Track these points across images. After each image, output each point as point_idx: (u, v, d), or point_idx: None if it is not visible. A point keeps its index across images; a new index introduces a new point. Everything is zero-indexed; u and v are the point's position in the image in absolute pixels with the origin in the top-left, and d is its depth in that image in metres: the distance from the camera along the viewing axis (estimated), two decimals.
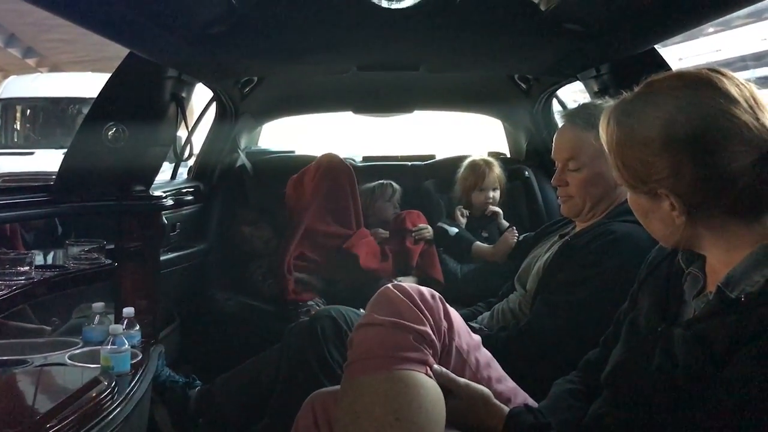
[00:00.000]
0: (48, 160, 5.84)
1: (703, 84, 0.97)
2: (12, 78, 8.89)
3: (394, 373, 1.14)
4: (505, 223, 2.87)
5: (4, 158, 6.84)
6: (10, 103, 8.00)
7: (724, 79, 0.96)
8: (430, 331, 1.21)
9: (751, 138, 0.92)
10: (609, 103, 1.74)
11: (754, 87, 0.97)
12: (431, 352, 1.20)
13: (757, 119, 0.93)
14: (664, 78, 1.03)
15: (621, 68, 2.12)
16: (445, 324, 1.25)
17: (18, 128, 8.21)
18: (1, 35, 12.42)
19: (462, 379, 1.23)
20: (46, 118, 8.13)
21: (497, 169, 2.93)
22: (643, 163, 0.99)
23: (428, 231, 2.87)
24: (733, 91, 0.95)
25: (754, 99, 0.95)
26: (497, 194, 2.92)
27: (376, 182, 3.13)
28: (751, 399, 0.84)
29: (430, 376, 1.17)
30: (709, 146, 0.93)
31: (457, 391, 1.22)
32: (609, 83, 2.20)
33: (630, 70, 2.08)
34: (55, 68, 14.19)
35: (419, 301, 1.23)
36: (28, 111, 8.21)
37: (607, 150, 1.08)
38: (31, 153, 6.97)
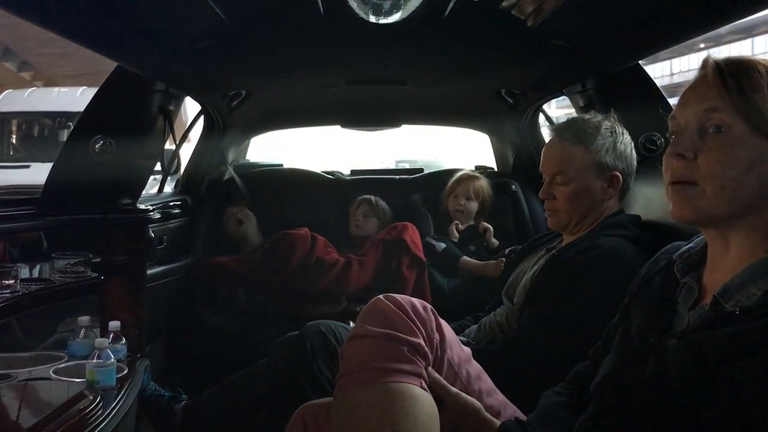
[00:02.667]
0: (44, 173, 5.89)
1: None
2: (8, 92, 8.97)
3: (389, 385, 1.13)
4: (495, 241, 2.88)
5: (1, 171, 6.93)
6: (6, 117, 8.18)
7: None
8: (424, 343, 1.20)
9: None
10: (598, 117, 1.77)
11: None
12: (424, 364, 1.20)
13: None
14: None
15: (606, 83, 2.15)
16: (437, 336, 1.25)
17: (14, 142, 8.30)
18: None
19: (453, 389, 1.23)
20: (41, 132, 8.24)
21: (479, 182, 2.96)
22: None
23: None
24: None
25: None
26: (472, 205, 2.93)
27: (360, 197, 3.13)
28: (743, 413, 0.84)
29: (425, 389, 1.17)
30: None
31: (448, 399, 1.21)
32: (594, 98, 2.22)
33: (615, 85, 2.11)
34: (50, 82, 14.18)
35: (412, 313, 1.22)
36: (24, 125, 8.31)
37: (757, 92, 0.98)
38: (27, 166, 7.03)
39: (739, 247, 0.99)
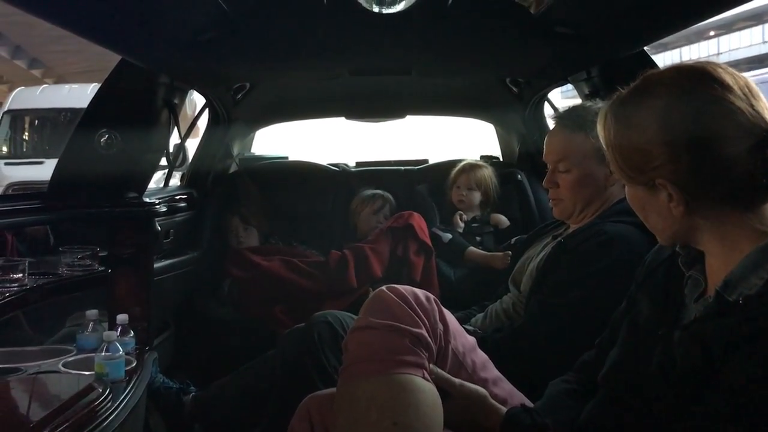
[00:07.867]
0: None
1: (698, 73, 0.98)
2: (19, 90, 9.07)
3: (391, 377, 1.13)
4: (505, 220, 2.88)
5: (16, 168, 7.04)
6: (18, 114, 8.28)
7: (719, 69, 0.98)
8: (426, 334, 1.20)
9: (746, 124, 0.93)
10: (599, 104, 1.76)
11: (748, 78, 0.98)
12: (427, 355, 1.19)
13: (752, 106, 0.94)
14: (661, 71, 1.05)
15: (611, 70, 2.14)
16: (440, 326, 1.25)
17: (27, 138, 8.40)
18: (6, 46, 12.49)
19: (457, 380, 1.23)
20: (53, 129, 8.35)
21: (482, 172, 2.93)
22: (640, 152, 1.00)
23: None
24: (728, 79, 0.96)
25: (748, 87, 0.97)
26: (474, 195, 2.92)
27: (370, 192, 3.11)
28: (748, 401, 0.84)
29: (427, 380, 1.16)
30: (705, 131, 0.94)
31: (453, 390, 1.21)
32: (599, 85, 2.21)
33: (620, 72, 2.08)
34: (60, 79, 14.26)
35: (415, 304, 1.22)
36: (36, 122, 8.43)
37: (605, 146, 1.08)
38: (41, 162, 7.10)
39: (728, 242, 0.98)
